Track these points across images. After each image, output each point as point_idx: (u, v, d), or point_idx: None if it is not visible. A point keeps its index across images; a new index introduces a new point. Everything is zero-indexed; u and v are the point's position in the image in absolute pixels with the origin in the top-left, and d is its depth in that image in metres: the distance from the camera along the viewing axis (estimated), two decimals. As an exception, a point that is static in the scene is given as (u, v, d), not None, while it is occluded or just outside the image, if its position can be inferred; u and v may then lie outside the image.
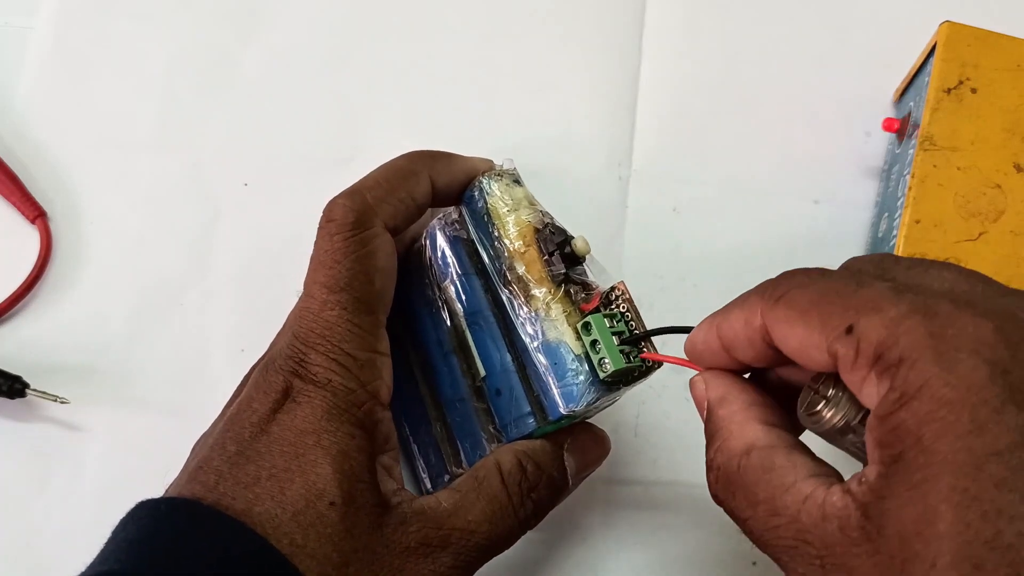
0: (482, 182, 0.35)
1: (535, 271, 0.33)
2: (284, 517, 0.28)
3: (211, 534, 0.28)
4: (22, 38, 0.47)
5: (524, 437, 0.34)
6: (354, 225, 0.32)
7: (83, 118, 0.46)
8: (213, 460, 0.30)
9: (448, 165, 0.35)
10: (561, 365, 0.32)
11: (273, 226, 0.44)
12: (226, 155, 0.45)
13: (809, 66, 0.46)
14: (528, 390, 0.34)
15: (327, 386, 0.31)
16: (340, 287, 0.32)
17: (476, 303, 0.35)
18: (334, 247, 0.32)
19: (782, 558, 0.24)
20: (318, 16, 0.47)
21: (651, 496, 0.39)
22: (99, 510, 0.39)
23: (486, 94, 0.46)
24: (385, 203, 0.33)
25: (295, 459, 0.30)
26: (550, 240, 0.33)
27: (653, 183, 0.44)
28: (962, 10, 0.40)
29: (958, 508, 0.20)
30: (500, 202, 0.34)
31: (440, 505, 0.31)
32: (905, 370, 0.21)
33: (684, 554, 0.39)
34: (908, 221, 0.36)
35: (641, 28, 0.47)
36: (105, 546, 0.29)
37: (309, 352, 0.31)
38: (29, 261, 0.42)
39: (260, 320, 0.42)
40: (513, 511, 0.32)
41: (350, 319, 0.32)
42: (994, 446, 0.20)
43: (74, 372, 0.41)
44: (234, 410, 0.32)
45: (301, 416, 0.30)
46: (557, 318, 0.33)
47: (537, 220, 0.34)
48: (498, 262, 0.34)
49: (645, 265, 0.43)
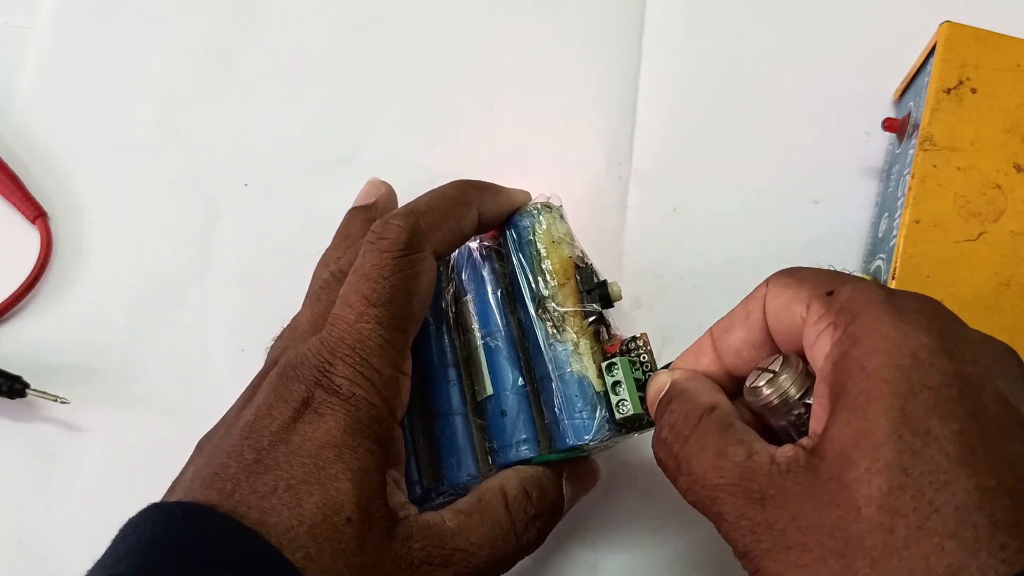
0: (533, 211, 0.36)
1: (571, 305, 0.34)
2: (300, 530, 0.28)
3: (225, 543, 0.28)
4: (22, 38, 0.47)
5: (521, 461, 0.34)
6: (405, 246, 0.33)
7: (83, 118, 0.46)
8: (230, 467, 0.30)
9: (494, 197, 0.36)
10: (582, 398, 0.33)
11: (273, 226, 0.44)
12: (226, 155, 0.45)
13: (809, 66, 0.46)
14: (537, 416, 0.35)
15: (350, 399, 0.31)
16: (380, 302, 0.32)
17: (496, 322, 0.36)
18: (382, 262, 0.32)
19: (717, 500, 0.26)
20: (318, 17, 0.47)
21: (651, 496, 0.39)
22: (99, 510, 0.39)
23: (486, 94, 0.46)
24: (436, 230, 0.34)
25: (315, 471, 0.29)
26: (589, 279, 0.35)
27: (653, 183, 0.44)
28: (962, 10, 0.40)
29: (893, 422, 0.23)
30: (548, 233, 0.35)
31: (444, 524, 0.32)
32: (860, 320, 0.25)
33: (684, 554, 0.39)
34: (908, 221, 0.36)
35: (641, 28, 0.47)
36: (113, 546, 0.29)
37: (336, 362, 0.31)
38: (29, 261, 0.42)
39: (260, 320, 0.42)
40: (516, 537, 0.33)
41: (383, 334, 0.32)
42: (928, 381, 0.23)
43: (74, 372, 0.41)
44: (252, 416, 0.31)
45: (324, 428, 0.30)
46: (584, 352, 0.34)
47: (577, 258, 0.35)
48: (536, 289, 0.35)
49: (645, 265, 0.43)
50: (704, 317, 0.42)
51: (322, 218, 0.43)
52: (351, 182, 0.43)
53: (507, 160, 0.44)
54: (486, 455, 0.35)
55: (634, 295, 0.40)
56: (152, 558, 0.27)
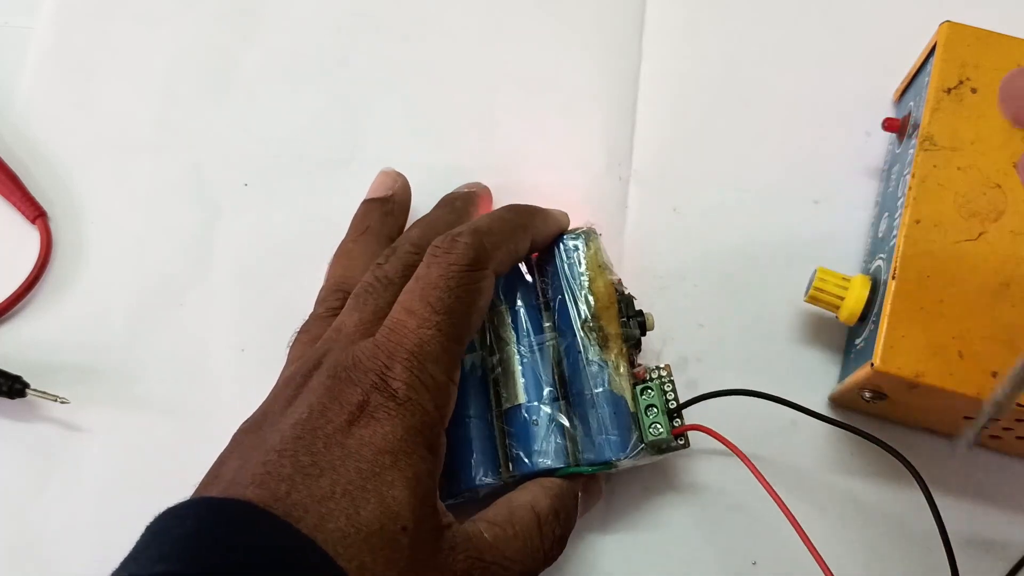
0: (581, 235, 0.38)
1: (613, 328, 0.37)
2: (357, 538, 0.28)
3: (277, 546, 0.27)
4: (22, 38, 0.47)
5: (546, 471, 0.35)
6: (471, 263, 0.33)
7: (83, 118, 0.46)
8: (284, 467, 0.29)
9: (544, 222, 0.38)
10: (620, 416, 0.35)
11: (273, 226, 0.44)
12: (226, 155, 0.45)
13: (809, 66, 0.46)
14: (568, 428, 0.36)
15: (406, 404, 0.31)
16: (444, 310, 0.32)
17: (535, 334, 0.38)
18: (449, 274, 0.33)
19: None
20: (318, 16, 0.47)
21: (651, 495, 0.39)
22: (99, 510, 0.39)
23: (486, 94, 0.46)
24: (498, 250, 0.35)
25: (372, 478, 0.29)
26: (630, 306, 0.37)
27: (653, 183, 0.44)
28: (962, 10, 0.40)
29: None
30: (594, 258, 0.38)
31: (482, 536, 0.32)
32: None
33: (684, 554, 0.39)
34: (908, 221, 0.36)
35: (641, 28, 0.47)
36: (155, 537, 0.27)
37: (394, 365, 0.31)
38: (29, 261, 0.42)
39: (260, 320, 0.42)
40: (544, 556, 0.33)
41: (443, 342, 0.32)
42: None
43: (74, 372, 0.41)
44: (305, 415, 0.30)
45: (380, 433, 0.30)
46: (623, 374, 0.36)
47: (617, 283, 0.38)
48: (583, 308, 0.37)
49: (645, 265, 0.43)
50: (704, 317, 0.42)
51: (322, 218, 0.43)
52: (351, 182, 0.43)
53: (507, 160, 0.44)
54: (507, 461, 0.36)
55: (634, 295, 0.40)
56: (203, 556, 0.26)
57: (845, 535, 0.39)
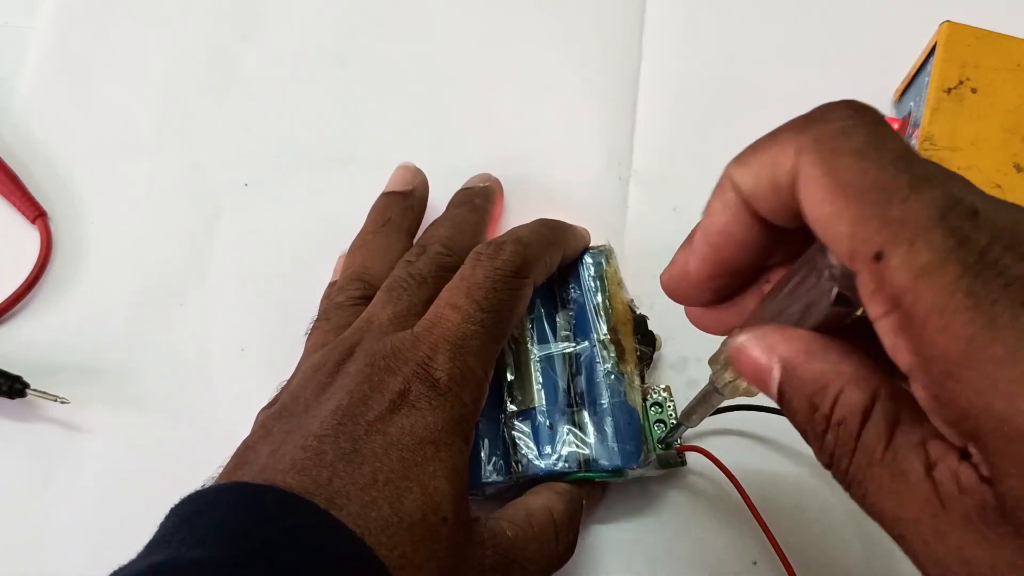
0: (607, 252, 0.40)
1: (629, 343, 0.38)
2: (400, 527, 0.28)
3: (315, 534, 0.26)
4: (22, 38, 0.47)
5: (556, 474, 0.36)
6: (516, 270, 0.34)
7: (83, 118, 0.46)
8: (326, 454, 0.28)
9: (574, 237, 0.39)
10: (633, 426, 0.36)
11: (273, 226, 0.44)
12: (226, 155, 0.45)
13: (809, 66, 0.46)
14: (581, 435, 0.37)
15: (447, 395, 0.31)
16: (489, 308, 0.33)
17: (553, 342, 0.38)
18: (495, 276, 0.34)
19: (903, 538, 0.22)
20: (318, 17, 0.47)
21: (651, 494, 0.39)
22: (99, 510, 0.39)
23: (486, 94, 0.46)
24: (538, 262, 0.36)
25: (414, 467, 0.29)
26: (643, 325, 0.39)
27: (653, 183, 0.44)
28: (962, 10, 0.40)
29: None
30: (613, 275, 0.39)
31: (505, 533, 0.32)
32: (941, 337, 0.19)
33: (684, 553, 0.39)
34: (908, 221, 0.36)
35: (641, 28, 0.47)
36: (187, 522, 0.27)
37: (437, 356, 0.31)
38: (29, 261, 0.42)
39: (260, 320, 0.42)
40: (559, 558, 0.34)
41: (484, 339, 0.33)
42: None
43: (74, 372, 0.41)
44: (345, 402, 0.30)
45: (422, 423, 0.30)
46: (637, 388, 0.37)
47: (630, 302, 0.39)
48: (601, 321, 0.38)
49: (645, 265, 0.43)
50: (704, 317, 0.42)
51: (322, 218, 0.43)
52: (351, 182, 0.43)
53: (507, 160, 0.44)
54: (516, 461, 0.36)
55: (634, 295, 0.40)
56: (240, 543, 0.25)
57: (848, 538, 0.39)
